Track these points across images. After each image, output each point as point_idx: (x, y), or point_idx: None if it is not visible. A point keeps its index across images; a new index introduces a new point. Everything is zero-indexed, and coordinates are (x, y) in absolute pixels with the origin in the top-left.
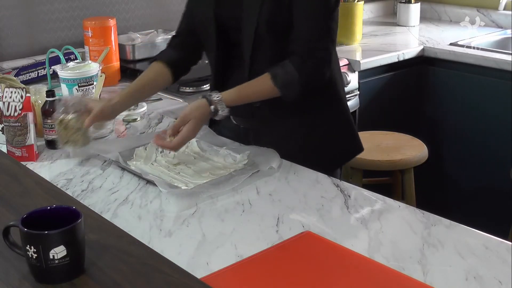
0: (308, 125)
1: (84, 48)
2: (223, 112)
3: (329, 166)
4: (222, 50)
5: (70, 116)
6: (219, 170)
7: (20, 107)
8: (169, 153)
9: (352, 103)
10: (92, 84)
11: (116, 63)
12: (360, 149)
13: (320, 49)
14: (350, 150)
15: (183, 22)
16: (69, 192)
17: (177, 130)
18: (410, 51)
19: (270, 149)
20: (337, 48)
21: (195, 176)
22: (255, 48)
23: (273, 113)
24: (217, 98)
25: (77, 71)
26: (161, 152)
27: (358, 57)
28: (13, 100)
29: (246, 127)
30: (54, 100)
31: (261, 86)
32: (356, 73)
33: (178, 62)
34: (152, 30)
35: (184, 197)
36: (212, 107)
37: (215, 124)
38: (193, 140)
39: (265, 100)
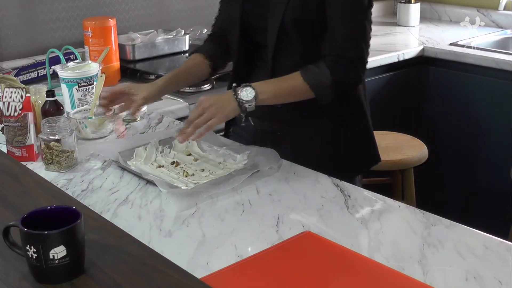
0: (326, 131)
1: (84, 48)
2: (248, 94)
3: (347, 174)
4: (245, 50)
5: (57, 137)
6: (219, 170)
7: (20, 107)
8: (169, 152)
9: None
10: (92, 84)
11: (116, 63)
12: (377, 159)
13: (354, 49)
14: (369, 159)
15: (217, 23)
16: (69, 192)
17: (198, 104)
18: (410, 51)
19: (270, 149)
20: None
21: (195, 176)
22: (278, 48)
23: (293, 114)
24: (244, 85)
25: (77, 71)
26: (161, 152)
27: None
28: (13, 100)
29: (264, 129)
30: (54, 100)
31: (291, 81)
32: None
33: (216, 55)
34: (152, 30)
35: (184, 197)
36: (233, 85)
37: (234, 125)
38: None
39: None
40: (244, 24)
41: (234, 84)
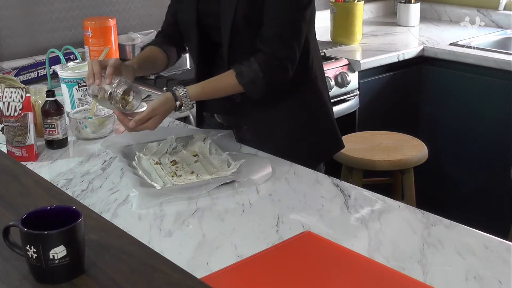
0: (288, 122)
1: (84, 48)
2: (186, 107)
3: (310, 161)
4: (204, 50)
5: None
6: (206, 176)
7: (20, 107)
8: (181, 151)
9: (352, 103)
10: None
11: None
12: (341, 146)
13: (285, 49)
14: (332, 147)
15: (168, 18)
16: (69, 192)
17: (144, 121)
18: (410, 51)
19: (265, 159)
20: (337, 48)
21: (181, 178)
22: (232, 46)
23: (254, 108)
24: (182, 93)
25: (77, 71)
26: (173, 149)
27: (358, 57)
28: (13, 100)
29: (230, 125)
30: (54, 100)
31: (225, 82)
32: (356, 73)
33: (170, 50)
34: (152, 30)
35: (146, 197)
36: (177, 102)
37: (202, 123)
38: (208, 142)
39: (246, 96)
40: (201, 25)
41: (178, 102)
